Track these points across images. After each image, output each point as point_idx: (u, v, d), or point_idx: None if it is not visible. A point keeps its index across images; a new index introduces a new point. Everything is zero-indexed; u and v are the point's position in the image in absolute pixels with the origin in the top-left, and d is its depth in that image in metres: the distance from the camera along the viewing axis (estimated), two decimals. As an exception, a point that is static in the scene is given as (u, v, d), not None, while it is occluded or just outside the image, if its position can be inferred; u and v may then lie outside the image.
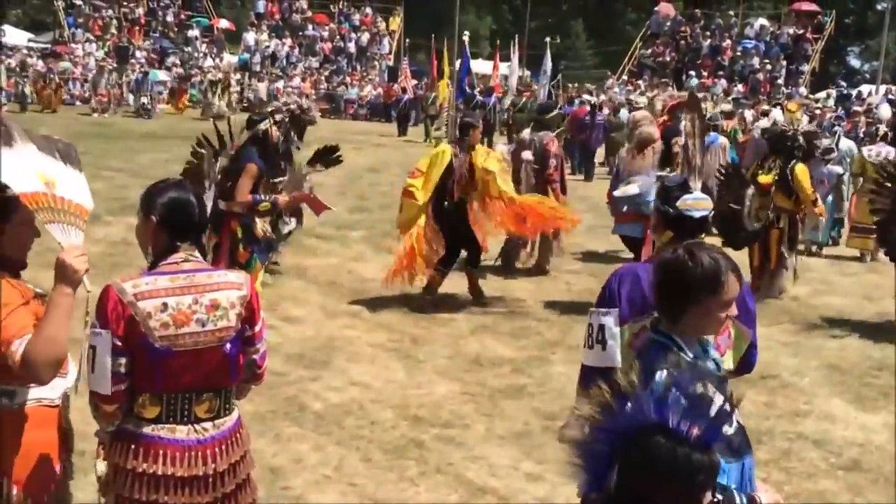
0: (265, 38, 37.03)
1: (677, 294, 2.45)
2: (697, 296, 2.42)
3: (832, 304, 8.73)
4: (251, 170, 6.90)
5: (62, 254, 2.62)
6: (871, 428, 5.64)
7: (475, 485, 4.62)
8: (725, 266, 2.44)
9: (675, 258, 2.46)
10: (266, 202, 7.01)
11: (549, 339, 7.21)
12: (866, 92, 28.13)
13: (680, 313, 2.46)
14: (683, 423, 1.96)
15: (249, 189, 6.89)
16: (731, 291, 2.44)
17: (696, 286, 2.42)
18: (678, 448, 1.93)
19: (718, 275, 2.41)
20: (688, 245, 2.50)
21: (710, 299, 2.42)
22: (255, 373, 2.92)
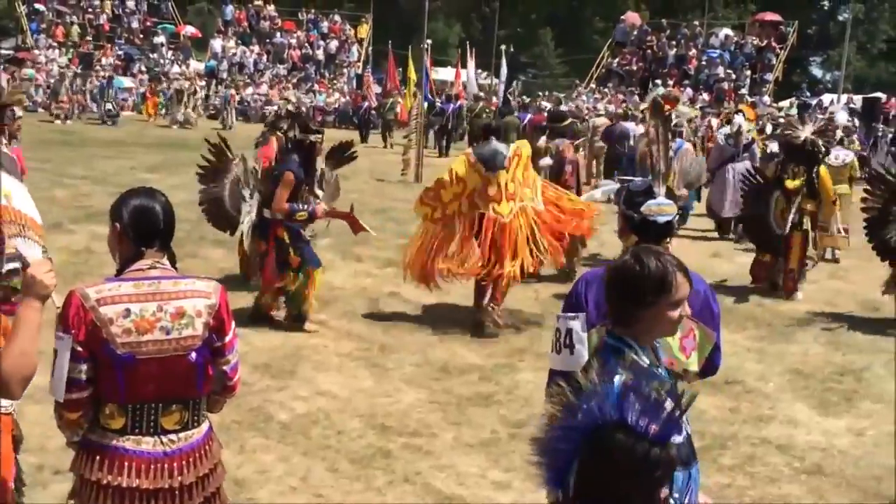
0: (232, 46, 36.83)
1: (628, 298, 2.48)
2: (647, 298, 2.44)
3: (796, 310, 8.84)
4: (287, 178, 6.98)
5: (31, 269, 2.60)
6: (833, 432, 5.71)
7: (443, 493, 4.61)
8: (673, 266, 2.47)
9: (622, 263, 2.49)
10: (303, 211, 7.07)
11: (517, 346, 7.22)
12: (828, 101, 28.59)
13: (632, 317, 2.48)
14: (642, 419, 1.98)
15: (286, 198, 6.97)
16: (681, 291, 2.47)
17: (646, 288, 2.44)
18: (637, 444, 1.96)
19: (666, 275, 2.44)
20: (634, 250, 2.53)
21: (660, 300, 2.45)
22: (227, 384, 2.88)
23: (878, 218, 8.35)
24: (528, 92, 35.50)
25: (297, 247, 7.17)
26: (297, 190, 7.09)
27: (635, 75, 33.66)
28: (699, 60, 33.07)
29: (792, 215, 9.07)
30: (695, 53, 33.38)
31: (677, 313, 2.48)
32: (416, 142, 18.32)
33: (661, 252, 2.53)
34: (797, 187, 9.09)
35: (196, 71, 34.08)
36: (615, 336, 2.52)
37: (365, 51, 39.40)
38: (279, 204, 6.97)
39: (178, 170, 16.41)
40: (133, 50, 35.79)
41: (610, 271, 2.54)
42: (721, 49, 33.36)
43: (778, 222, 9.17)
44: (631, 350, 2.46)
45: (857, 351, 7.52)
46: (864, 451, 5.43)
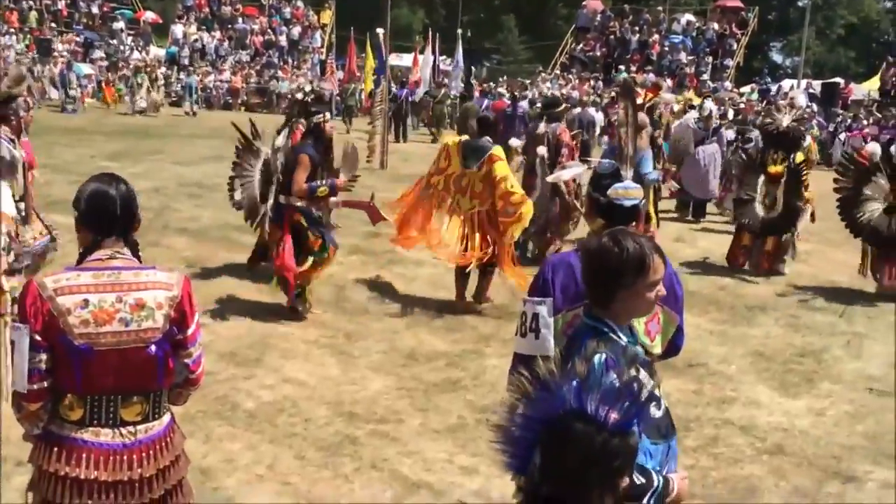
0: (193, 31, 36.31)
1: (606, 279, 2.48)
2: (625, 279, 2.46)
3: (757, 294, 8.97)
4: (304, 160, 7.10)
5: None
6: (794, 413, 5.81)
7: (410, 480, 4.62)
8: (650, 248, 2.48)
9: (600, 245, 2.50)
10: (323, 186, 7.18)
11: (484, 332, 7.25)
12: (788, 86, 28.93)
13: (610, 298, 2.50)
14: (602, 408, 2.00)
15: (304, 179, 7.07)
16: (658, 272, 2.49)
17: (624, 270, 2.46)
18: (596, 435, 1.98)
19: (643, 256, 2.46)
20: (611, 232, 2.54)
21: (638, 281, 2.47)
22: (189, 378, 2.84)
23: (850, 198, 9.04)
24: (493, 78, 35.48)
25: (315, 230, 7.24)
26: (314, 172, 7.18)
27: (598, 61, 33.78)
28: (661, 46, 33.26)
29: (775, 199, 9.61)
30: (657, 39, 33.56)
31: (654, 294, 2.51)
32: (382, 128, 18.23)
33: (638, 234, 2.55)
34: (780, 172, 9.58)
35: (157, 57, 33.56)
36: (593, 316, 2.54)
37: (328, 37, 39.07)
38: (298, 185, 7.05)
39: (140, 158, 16.22)
40: (92, 35, 35.15)
41: (587, 253, 2.54)
42: (683, 35, 33.59)
43: (764, 207, 9.70)
44: (609, 330, 2.49)
45: (817, 333, 7.65)
46: (823, 431, 5.53)
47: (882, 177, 8.99)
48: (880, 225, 8.96)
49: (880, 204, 8.99)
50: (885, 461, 5.09)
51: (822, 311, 8.36)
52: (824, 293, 9.09)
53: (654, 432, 2.45)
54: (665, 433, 2.52)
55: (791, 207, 9.65)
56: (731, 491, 4.66)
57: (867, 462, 5.08)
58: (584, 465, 1.99)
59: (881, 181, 9.00)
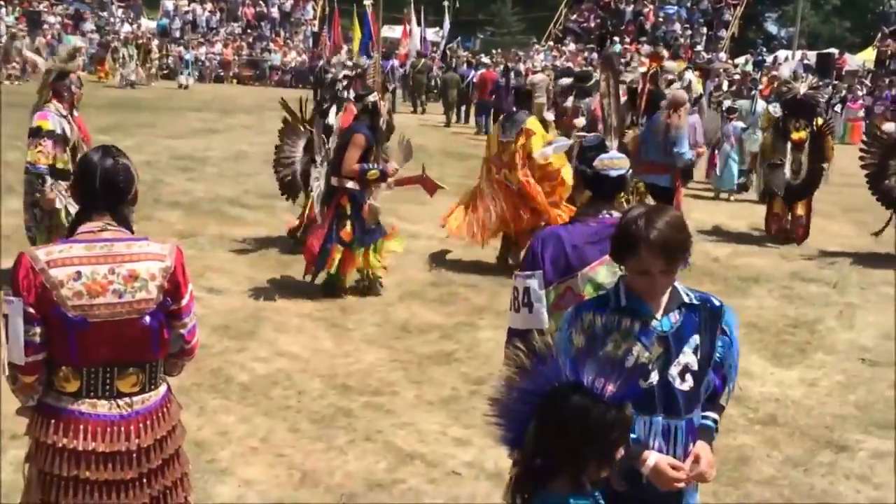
0: (184, 3, 35.97)
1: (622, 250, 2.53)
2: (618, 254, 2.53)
3: (751, 265, 8.98)
4: (358, 140, 6.97)
5: None
6: (787, 383, 5.84)
7: (404, 451, 4.64)
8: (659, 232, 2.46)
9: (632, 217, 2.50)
10: (374, 170, 7.04)
11: (477, 304, 7.25)
12: (783, 57, 28.81)
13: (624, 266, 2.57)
14: (598, 381, 2.00)
15: (357, 159, 6.96)
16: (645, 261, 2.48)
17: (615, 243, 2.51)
18: (593, 407, 1.98)
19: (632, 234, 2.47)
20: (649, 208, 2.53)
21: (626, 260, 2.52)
22: (184, 348, 2.84)
23: (877, 173, 9.47)
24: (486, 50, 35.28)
25: (355, 222, 7.11)
26: (368, 153, 7.06)
27: (592, 32, 33.57)
28: (656, 17, 33.08)
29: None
30: (651, 10, 33.38)
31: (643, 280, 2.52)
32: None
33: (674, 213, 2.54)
34: (803, 138, 9.96)
35: (147, 29, 33.28)
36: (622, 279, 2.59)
37: (321, 8, 38.73)
38: (349, 165, 6.94)
39: (132, 131, 16.13)
40: (82, 6, 34.79)
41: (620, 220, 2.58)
42: (677, 5, 33.40)
43: (791, 174, 10.06)
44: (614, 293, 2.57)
45: (810, 304, 7.67)
46: (816, 401, 5.56)
47: None
48: None
49: None
50: (877, 430, 5.13)
51: (815, 283, 8.38)
52: (817, 264, 9.11)
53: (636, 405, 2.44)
54: (650, 408, 2.51)
55: (815, 172, 10.03)
56: (724, 461, 4.67)
57: (858, 431, 5.11)
58: (582, 438, 2.00)
59: None
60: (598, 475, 2.05)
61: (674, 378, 2.52)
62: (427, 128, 20.23)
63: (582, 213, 3.18)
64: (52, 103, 6.35)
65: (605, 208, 3.11)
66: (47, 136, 6.22)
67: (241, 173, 12.95)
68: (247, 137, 16.89)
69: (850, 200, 12.28)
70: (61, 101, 6.36)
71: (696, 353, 2.55)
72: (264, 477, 4.32)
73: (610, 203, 3.14)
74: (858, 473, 4.63)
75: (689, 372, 2.54)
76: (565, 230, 3.12)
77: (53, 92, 6.39)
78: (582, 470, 2.03)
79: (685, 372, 2.54)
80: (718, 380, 2.64)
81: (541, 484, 2.06)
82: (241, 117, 20.13)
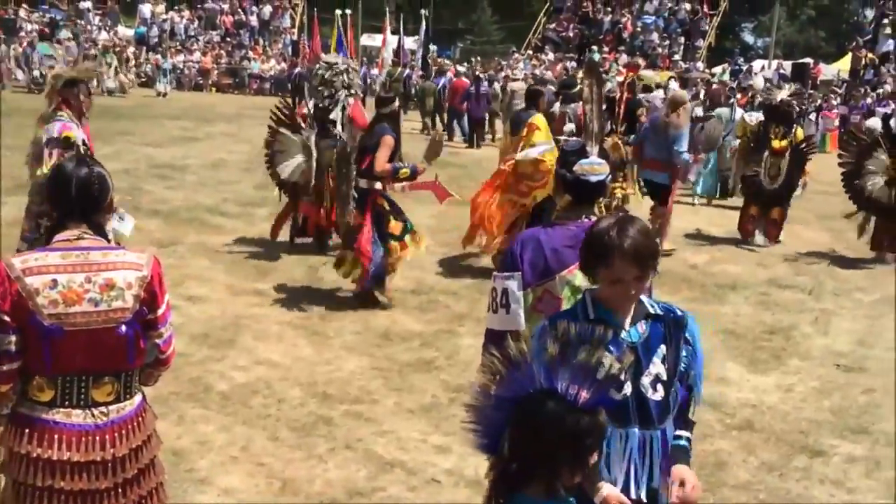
0: (162, 11, 35.82)
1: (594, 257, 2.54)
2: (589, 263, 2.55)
3: (728, 272, 9.06)
4: (388, 141, 7.10)
5: None
6: (763, 389, 5.90)
7: (384, 459, 4.64)
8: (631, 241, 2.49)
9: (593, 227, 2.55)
10: (405, 168, 7.16)
11: (457, 312, 7.27)
12: (759, 67, 29.11)
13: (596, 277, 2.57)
14: (572, 388, 2.02)
15: (387, 158, 7.05)
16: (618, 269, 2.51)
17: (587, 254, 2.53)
18: (567, 414, 2.01)
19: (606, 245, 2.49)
20: (620, 217, 2.56)
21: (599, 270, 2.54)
22: (160, 358, 2.84)
23: (853, 172, 9.70)
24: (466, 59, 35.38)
25: (397, 215, 7.28)
26: (394, 153, 7.20)
27: (571, 41, 33.75)
28: (634, 27, 33.30)
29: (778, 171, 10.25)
30: (629, 20, 33.60)
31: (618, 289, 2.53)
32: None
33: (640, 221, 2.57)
34: (783, 147, 10.16)
35: (125, 37, 33.10)
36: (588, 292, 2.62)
37: (300, 17, 38.69)
38: (382, 164, 7.02)
39: (110, 139, 16.01)
40: (58, 14, 34.55)
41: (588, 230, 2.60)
42: (655, 15, 33.64)
43: (768, 179, 10.26)
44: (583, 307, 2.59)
45: (786, 311, 7.76)
46: (791, 406, 5.62)
47: (882, 152, 9.56)
48: (882, 196, 9.50)
49: (881, 177, 9.52)
50: (851, 435, 5.19)
51: (791, 289, 8.47)
52: (793, 271, 9.21)
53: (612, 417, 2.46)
54: (626, 420, 2.53)
55: (792, 180, 10.30)
56: (701, 466, 4.72)
57: (833, 436, 5.17)
58: (556, 444, 2.02)
59: (881, 156, 9.55)
60: (571, 481, 2.08)
61: (646, 388, 2.55)
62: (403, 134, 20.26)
63: (562, 216, 3.22)
64: (64, 112, 6.34)
65: (585, 212, 3.17)
66: (66, 146, 6.20)
67: (220, 181, 12.91)
68: (226, 145, 16.85)
69: (824, 208, 12.42)
70: (70, 109, 6.34)
71: (664, 363, 2.58)
72: (244, 486, 4.32)
73: (589, 207, 3.20)
74: (833, 478, 4.68)
75: (660, 382, 2.57)
76: (545, 233, 3.16)
77: (62, 99, 6.38)
78: (556, 475, 2.06)
79: (656, 382, 2.57)
80: (685, 391, 2.66)
81: (516, 489, 2.08)
82: (221, 125, 20.07)
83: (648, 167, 9.66)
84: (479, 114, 20.33)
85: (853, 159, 9.76)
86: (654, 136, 9.38)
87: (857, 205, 9.74)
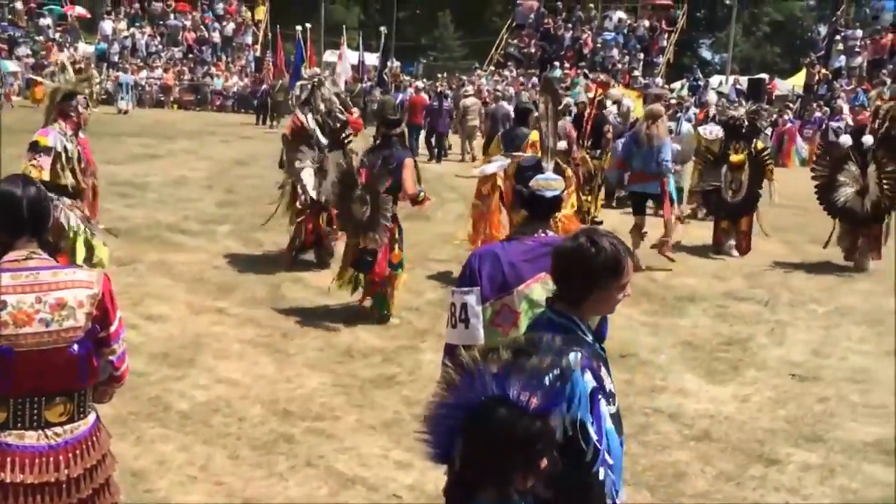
0: (123, 28, 35.56)
1: (582, 279, 2.51)
2: (601, 280, 2.50)
3: (686, 285, 9.19)
4: (411, 164, 7.26)
5: None
6: (720, 400, 5.99)
7: (345, 476, 4.65)
8: (623, 250, 2.54)
9: (577, 245, 2.52)
10: (423, 191, 7.27)
11: (419, 328, 7.30)
12: (717, 82, 29.57)
13: (583, 297, 2.53)
14: (523, 394, 2.07)
15: (414, 181, 7.19)
16: (629, 273, 2.55)
17: (600, 271, 2.49)
18: (517, 419, 2.05)
19: (619, 259, 2.51)
20: (587, 232, 2.58)
21: (612, 282, 2.51)
22: (114, 375, 2.83)
23: (826, 184, 10.12)
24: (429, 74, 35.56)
25: (401, 244, 7.39)
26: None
27: (533, 57, 34.07)
28: (594, 43, 33.71)
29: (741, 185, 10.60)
30: (589, 36, 34.00)
31: (622, 294, 2.56)
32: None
33: (611, 234, 2.60)
34: (741, 160, 10.52)
35: (85, 54, 32.77)
36: (560, 312, 2.56)
37: (263, 33, 38.64)
38: (412, 188, 7.12)
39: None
40: (17, 32, 34.15)
41: (563, 253, 2.57)
42: (615, 32, 34.09)
43: (731, 193, 10.64)
44: (578, 328, 2.53)
45: (743, 322, 7.88)
46: (748, 416, 5.71)
47: (853, 164, 10.00)
48: (854, 206, 9.92)
49: (852, 188, 9.94)
50: (805, 443, 5.29)
51: (747, 301, 8.60)
52: (750, 283, 9.37)
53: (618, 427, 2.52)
54: (620, 430, 2.58)
55: (754, 191, 10.59)
56: (660, 477, 4.79)
57: (788, 445, 5.27)
58: (507, 449, 2.06)
59: (852, 168, 9.99)
60: (524, 486, 2.11)
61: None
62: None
63: (518, 231, 3.27)
64: (57, 123, 6.32)
65: (541, 227, 3.22)
66: (44, 151, 6.15)
67: (181, 199, 12.83)
68: (188, 163, 16.75)
69: (780, 221, 12.62)
70: (67, 122, 6.32)
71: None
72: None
73: (545, 222, 3.25)
74: (788, 486, 4.77)
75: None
76: (502, 248, 3.21)
77: (59, 112, 6.36)
78: (509, 481, 2.09)
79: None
80: None
81: (470, 495, 2.12)
82: (182, 142, 19.95)
83: (639, 180, 9.97)
84: (442, 129, 20.51)
85: (826, 172, 10.18)
86: (639, 150, 9.74)
87: (830, 215, 10.14)
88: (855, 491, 4.72)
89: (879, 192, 9.74)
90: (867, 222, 10.01)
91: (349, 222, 7.39)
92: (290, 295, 8.11)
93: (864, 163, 9.93)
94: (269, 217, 9.27)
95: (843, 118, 21.17)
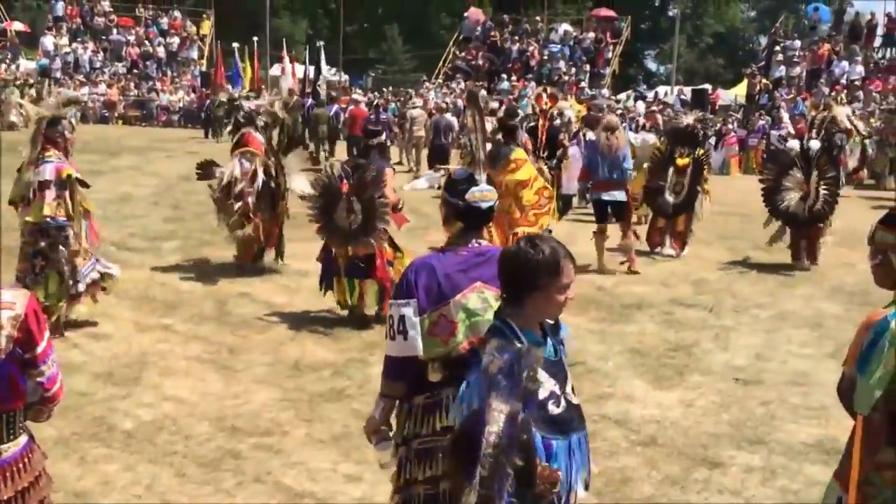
0: (65, 43, 34.97)
1: (521, 281, 2.61)
2: (539, 281, 2.58)
3: (634, 292, 9.31)
4: (391, 173, 7.51)
5: None
6: (666, 405, 6.08)
7: (293, 490, 4.62)
8: (563, 253, 2.63)
9: (518, 249, 2.63)
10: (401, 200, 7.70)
11: (369, 341, 7.28)
12: (662, 93, 30.10)
13: (524, 299, 2.62)
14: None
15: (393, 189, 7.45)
16: (569, 275, 2.63)
17: (538, 271, 2.58)
18: None
19: (557, 260, 2.60)
20: (529, 236, 2.68)
21: (550, 283, 2.59)
22: (45, 396, 2.77)
23: (772, 188, 10.62)
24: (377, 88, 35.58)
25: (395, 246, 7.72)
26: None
27: (481, 70, 34.27)
28: (541, 55, 34.05)
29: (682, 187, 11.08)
30: (536, 48, 34.34)
31: (564, 297, 2.63)
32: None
33: (552, 238, 2.71)
34: (686, 164, 11.02)
35: (27, 70, 32.17)
36: (500, 318, 2.66)
37: (208, 48, 38.29)
38: (394, 195, 7.44)
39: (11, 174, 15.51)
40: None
41: (504, 256, 2.68)
42: (561, 44, 34.46)
43: (673, 195, 11.07)
44: (510, 332, 2.60)
45: (689, 328, 8.01)
46: (693, 421, 5.81)
47: (798, 170, 10.49)
48: (797, 210, 10.39)
49: (796, 193, 10.42)
50: (748, 446, 5.40)
51: (693, 308, 8.74)
52: (695, 290, 9.53)
53: (553, 428, 2.56)
54: (566, 429, 2.62)
55: (693, 192, 11.09)
56: (607, 483, 4.85)
57: (731, 448, 5.37)
58: None
59: (797, 174, 10.48)
60: None
61: (570, 396, 2.67)
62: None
63: (453, 242, 3.32)
64: (52, 152, 6.22)
65: (475, 237, 3.29)
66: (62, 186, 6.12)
67: (126, 216, 12.65)
68: (133, 179, 16.53)
69: (724, 228, 12.90)
70: (56, 148, 6.23)
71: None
72: (148, 525, 4.24)
73: (479, 232, 3.33)
74: (731, 488, 4.86)
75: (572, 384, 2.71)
76: (437, 259, 3.25)
77: (46, 139, 6.25)
78: None
79: (571, 386, 2.71)
80: None
81: None
82: (128, 158, 19.67)
83: (604, 189, 10.26)
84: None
85: (772, 177, 10.67)
86: (602, 159, 10.10)
87: (775, 217, 10.65)
88: (796, 492, 4.82)
89: (816, 198, 10.27)
90: (807, 225, 10.50)
91: (335, 233, 7.53)
92: (238, 310, 8.04)
93: (808, 170, 10.39)
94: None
95: (783, 127, 21.64)
